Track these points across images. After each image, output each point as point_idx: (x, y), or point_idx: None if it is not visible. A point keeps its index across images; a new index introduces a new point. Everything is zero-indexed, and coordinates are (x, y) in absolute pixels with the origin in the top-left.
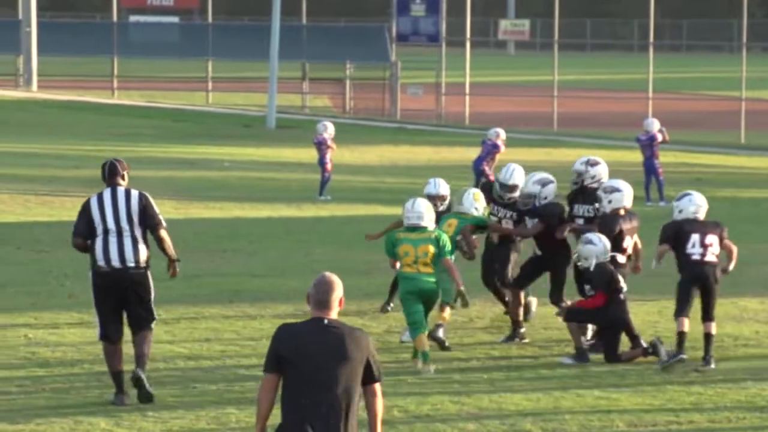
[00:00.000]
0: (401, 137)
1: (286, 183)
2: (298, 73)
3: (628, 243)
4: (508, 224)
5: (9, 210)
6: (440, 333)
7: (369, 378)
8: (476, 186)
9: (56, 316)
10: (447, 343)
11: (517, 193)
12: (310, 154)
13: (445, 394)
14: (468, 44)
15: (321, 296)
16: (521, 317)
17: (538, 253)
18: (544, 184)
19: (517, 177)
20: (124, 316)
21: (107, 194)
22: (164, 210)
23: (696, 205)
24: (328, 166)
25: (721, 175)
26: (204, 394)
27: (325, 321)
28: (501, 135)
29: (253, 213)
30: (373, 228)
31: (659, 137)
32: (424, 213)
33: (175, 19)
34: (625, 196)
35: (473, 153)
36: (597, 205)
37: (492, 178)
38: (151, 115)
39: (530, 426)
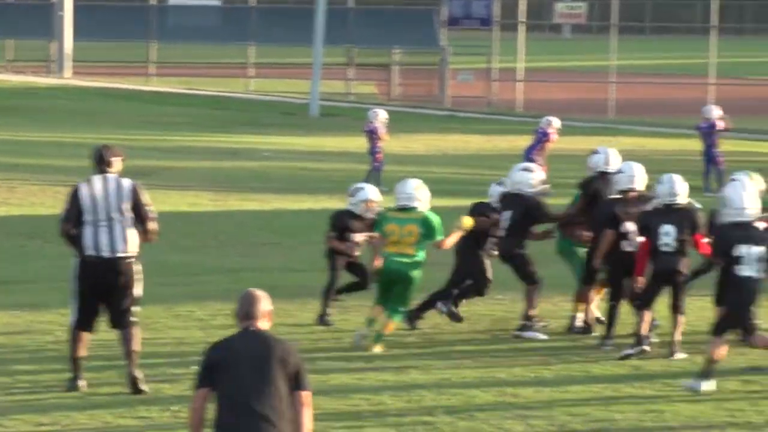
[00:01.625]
0: (451, 125)
1: (330, 173)
2: (343, 58)
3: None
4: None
5: (40, 202)
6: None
7: (298, 385)
8: None
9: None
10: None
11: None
12: (354, 143)
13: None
14: (521, 28)
15: (247, 308)
16: None
17: None
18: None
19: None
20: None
21: (97, 181)
22: (201, 202)
23: None
24: (379, 156)
25: None
26: None
27: (252, 328)
28: (553, 123)
29: (294, 205)
30: None
31: (720, 125)
32: (414, 193)
33: (216, 2)
34: (628, 177)
35: (525, 141)
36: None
37: (544, 168)
38: (189, 102)
39: None
